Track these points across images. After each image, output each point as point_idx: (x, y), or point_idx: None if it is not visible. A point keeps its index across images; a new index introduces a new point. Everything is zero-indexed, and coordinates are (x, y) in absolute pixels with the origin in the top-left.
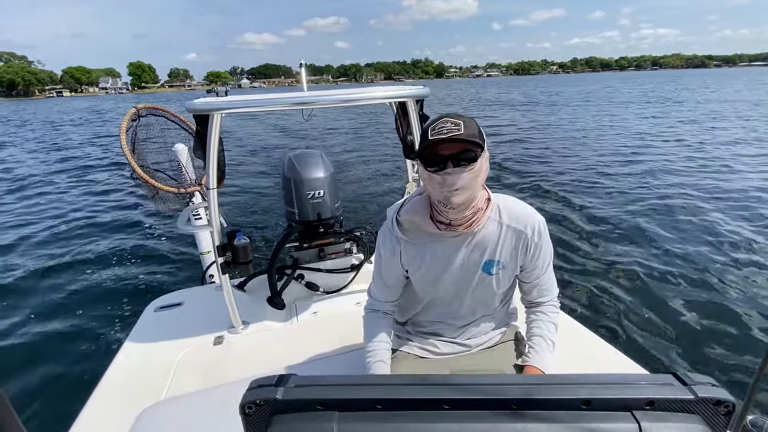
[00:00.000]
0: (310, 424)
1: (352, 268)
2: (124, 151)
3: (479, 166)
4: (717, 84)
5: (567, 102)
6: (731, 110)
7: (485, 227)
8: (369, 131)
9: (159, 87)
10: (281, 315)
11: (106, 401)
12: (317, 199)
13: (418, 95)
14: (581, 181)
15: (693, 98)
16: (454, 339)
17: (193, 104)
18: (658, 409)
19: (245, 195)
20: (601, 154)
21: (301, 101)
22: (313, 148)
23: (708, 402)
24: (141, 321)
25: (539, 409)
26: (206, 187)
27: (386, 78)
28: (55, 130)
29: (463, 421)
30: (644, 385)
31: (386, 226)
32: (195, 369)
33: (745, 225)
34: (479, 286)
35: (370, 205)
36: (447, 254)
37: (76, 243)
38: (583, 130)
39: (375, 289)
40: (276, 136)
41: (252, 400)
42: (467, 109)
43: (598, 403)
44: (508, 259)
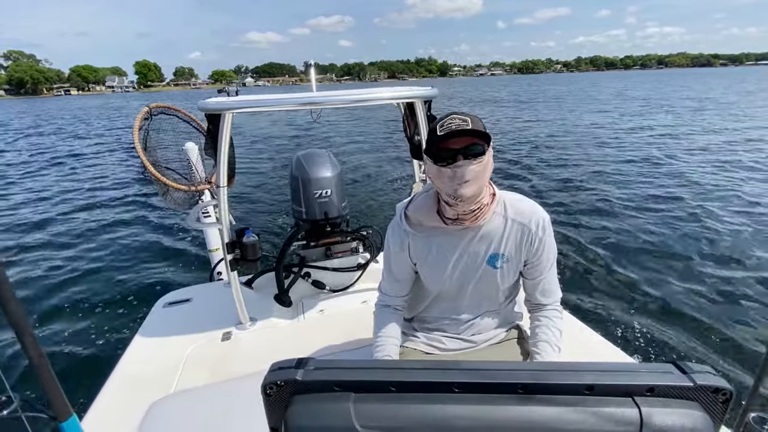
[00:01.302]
0: (328, 403)
1: (359, 267)
2: (137, 149)
3: (487, 159)
4: (701, 84)
5: (546, 99)
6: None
7: (491, 221)
8: (375, 130)
9: (165, 86)
10: (288, 312)
11: (117, 393)
12: (324, 198)
13: (426, 96)
14: (570, 179)
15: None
16: (459, 335)
17: (205, 104)
18: (658, 396)
19: (254, 194)
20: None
21: (311, 101)
22: (321, 148)
23: (706, 389)
24: (150, 316)
25: (545, 394)
26: (216, 185)
27: (390, 77)
28: (84, 123)
29: (472, 404)
30: (645, 373)
31: (395, 221)
32: (203, 364)
33: (750, 223)
34: (484, 279)
35: (376, 205)
36: (453, 247)
37: (86, 238)
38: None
39: (385, 284)
40: (284, 131)
41: (273, 381)
42: (457, 106)
43: (600, 388)
44: (513, 253)
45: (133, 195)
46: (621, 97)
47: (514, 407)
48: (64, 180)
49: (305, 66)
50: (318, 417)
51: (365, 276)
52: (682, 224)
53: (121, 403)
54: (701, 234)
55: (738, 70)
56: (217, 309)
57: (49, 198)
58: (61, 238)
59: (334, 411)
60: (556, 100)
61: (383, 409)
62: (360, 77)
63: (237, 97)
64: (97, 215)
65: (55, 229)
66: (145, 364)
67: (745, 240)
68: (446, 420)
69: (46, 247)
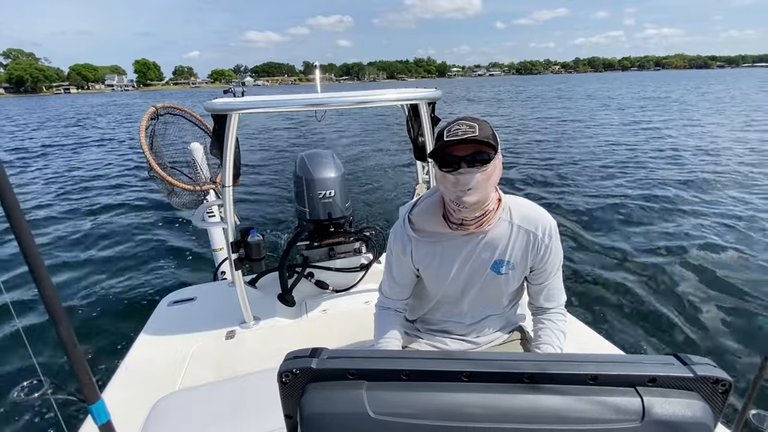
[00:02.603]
0: (342, 391)
1: (362, 267)
2: (143, 148)
3: (492, 168)
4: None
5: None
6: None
7: (496, 227)
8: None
9: (164, 84)
10: (291, 312)
11: (123, 390)
12: (328, 198)
13: (430, 98)
14: (564, 177)
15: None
16: (462, 337)
17: (211, 104)
18: (660, 386)
19: (258, 193)
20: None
21: (316, 102)
22: (325, 149)
23: (707, 380)
24: (155, 314)
25: (550, 383)
26: (222, 185)
27: (389, 77)
28: (89, 120)
29: (480, 392)
30: (647, 364)
31: (398, 224)
32: (207, 361)
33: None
34: (488, 285)
35: (380, 206)
36: (457, 252)
37: (91, 237)
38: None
39: (386, 287)
40: (289, 129)
41: (289, 369)
42: (448, 102)
43: (604, 378)
44: (519, 259)
45: (138, 194)
46: (589, 98)
47: (521, 395)
48: (68, 179)
49: (304, 66)
50: (332, 404)
51: (368, 276)
52: (682, 220)
53: (126, 399)
54: (700, 230)
55: (735, 72)
56: (221, 308)
57: (54, 196)
58: (65, 236)
59: (348, 398)
60: (530, 98)
61: (395, 396)
62: (359, 77)
63: (243, 98)
64: (102, 214)
65: (59, 228)
66: (149, 361)
67: (747, 237)
68: (456, 407)
69: (50, 245)
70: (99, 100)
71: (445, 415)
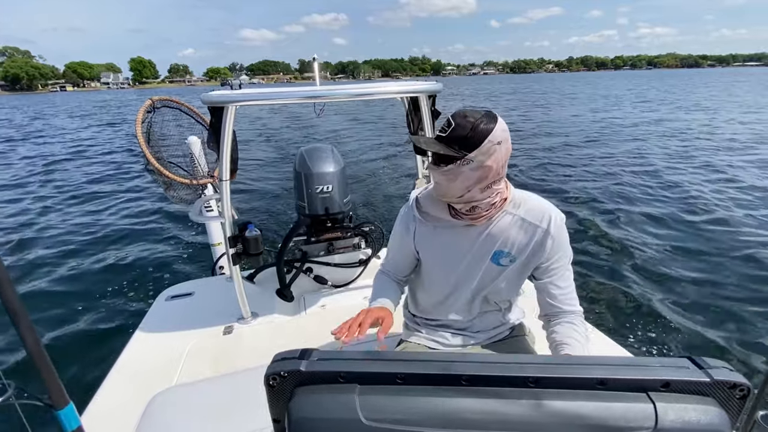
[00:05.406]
0: (333, 395)
1: (360, 263)
2: (140, 142)
3: (455, 173)
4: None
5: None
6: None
7: (501, 220)
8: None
9: (159, 82)
10: (290, 307)
11: (119, 385)
12: (326, 193)
13: (430, 90)
14: (573, 175)
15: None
16: (462, 331)
17: (208, 96)
18: (673, 391)
19: (257, 188)
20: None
21: (314, 95)
22: (325, 143)
23: (723, 385)
24: (153, 309)
25: (556, 388)
26: (219, 179)
27: (383, 75)
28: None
29: (480, 397)
30: (659, 368)
31: (407, 204)
32: (205, 357)
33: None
34: (487, 276)
35: (379, 202)
36: (458, 241)
37: (89, 231)
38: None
39: (386, 261)
40: (289, 124)
41: (276, 372)
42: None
43: (613, 383)
44: (520, 252)
45: (135, 188)
46: (560, 93)
47: (524, 401)
48: (66, 173)
49: (300, 64)
50: (322, 408)
51: (367, 272)
52: (691, 220)
53: (123, 394)
54: (711, 229)
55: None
56: (219, 303)
57: (50, 189)
58: (63, 230)
59: (339, 403)
60: (510, 94)
61: (389, 401)
62: (354, 75)
63: (240, 90)
64: (98, 208)
65: (57, 222)
66: (146, 356)
67: (758, 237)
68: (455, 413)
69: (48, 240)
70: (95, 97)
71: (443, 422)
